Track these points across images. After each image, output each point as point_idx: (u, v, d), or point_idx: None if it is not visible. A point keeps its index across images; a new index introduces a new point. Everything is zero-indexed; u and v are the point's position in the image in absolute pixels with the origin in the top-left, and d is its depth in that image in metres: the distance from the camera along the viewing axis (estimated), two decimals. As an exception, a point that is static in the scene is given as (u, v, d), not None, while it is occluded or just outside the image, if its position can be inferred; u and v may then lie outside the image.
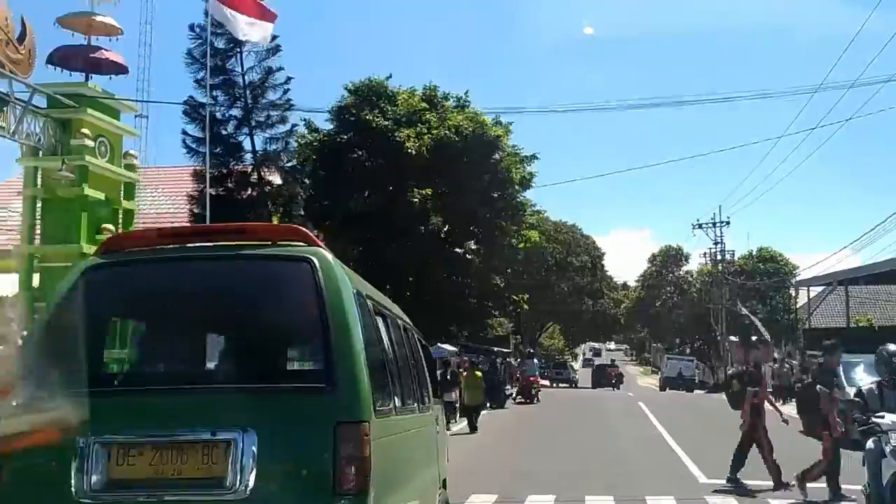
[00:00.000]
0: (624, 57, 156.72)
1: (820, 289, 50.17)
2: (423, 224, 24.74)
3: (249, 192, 23.57)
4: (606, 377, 56.82)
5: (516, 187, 27.76)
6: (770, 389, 20.51)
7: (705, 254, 57.73)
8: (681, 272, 65.30)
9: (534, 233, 29.88)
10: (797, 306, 52.21)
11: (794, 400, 19.18)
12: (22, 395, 3.99)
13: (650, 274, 65.74)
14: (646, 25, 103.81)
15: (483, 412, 23.42)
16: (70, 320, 4.19)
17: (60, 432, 3.77)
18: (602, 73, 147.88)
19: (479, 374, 22.59)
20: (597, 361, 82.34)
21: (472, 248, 28.70)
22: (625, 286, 73.32)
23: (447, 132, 25.57)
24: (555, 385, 56.72)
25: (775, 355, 47.00)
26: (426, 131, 25.71)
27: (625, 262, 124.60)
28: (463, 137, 25.77)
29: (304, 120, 26.52)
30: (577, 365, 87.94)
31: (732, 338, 58.20)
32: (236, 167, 23.72)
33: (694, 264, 66.54)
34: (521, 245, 29.16)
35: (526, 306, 36.62)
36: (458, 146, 25.64)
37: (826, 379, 10.12)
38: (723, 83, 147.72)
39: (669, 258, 65.62)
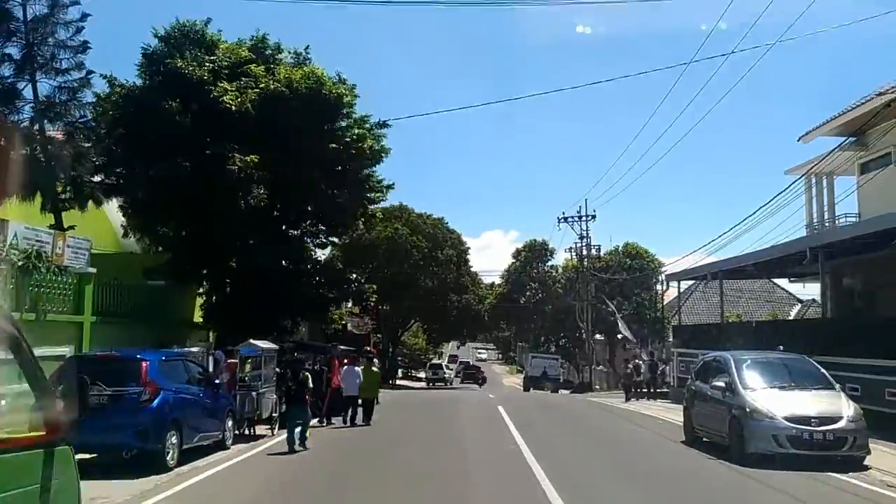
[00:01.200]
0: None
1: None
2: (246, 197, 20.45)
3: (26, 150, 18.64)
4: (475, 376, 61.42)
5: (366, 161, 23.83)
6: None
7: (571, 248, 56.08)
8: (546, 268, 63.54)
9: (379, 210, 25.73)
10: (664, 303, 51.22)
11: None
12: None
13: (514, 269, 63.50)
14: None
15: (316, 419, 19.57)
16: None
17: None
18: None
19: (376, 369, 21.68)
20: (461, 359, 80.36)
21: (310, 227, 24.60)
22: (492, 286, 70.90)
23: (277, 85, 21.32)
24: (430, 385, 59.36)
25: (643, 356, 45.50)
26: (253, 86, 21.41)
27: (495, 264, 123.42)
28: (298, 95, 21.60)
29: (105, 76, 21.66)
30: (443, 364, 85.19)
31: (598, 336, 56.86)
32: (10, 118, 18.82)
33: (559, 259, 65.12)
34: (368, 226, 25.22)
35: (375, 296, 32.62)
36: (293, 105, 21.43)
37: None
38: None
39: (534, 253, 63.71)
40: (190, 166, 20.60)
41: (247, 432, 16.62)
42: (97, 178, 21.07)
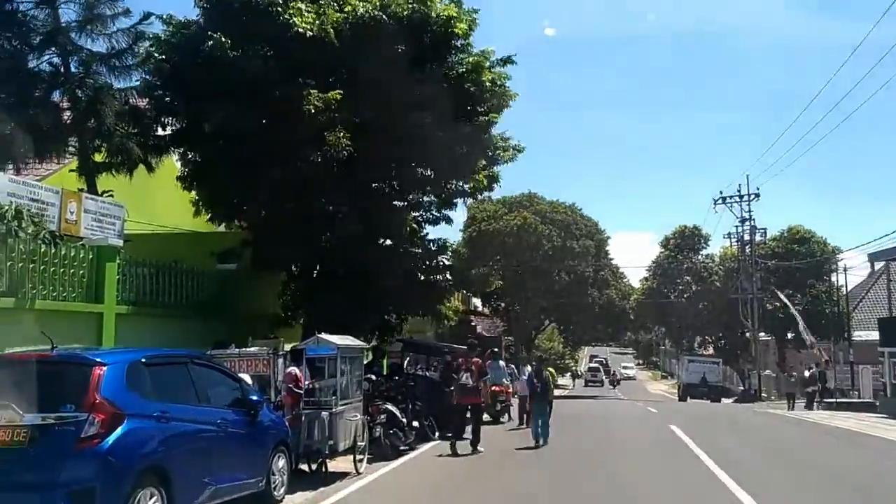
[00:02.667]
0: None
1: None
2: (321, 149, 15.33)
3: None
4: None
5: (487, 105, 18.13)
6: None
7: (729, 234, 48.42)
8: (700, 257, 55.60)
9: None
10: (847, 292, 42.82)
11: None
12: None
13: (663, 260, 55.87)
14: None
15: (423, 447, 14.34)
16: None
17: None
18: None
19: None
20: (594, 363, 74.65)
21: (418, 195, 19.18)
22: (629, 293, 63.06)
23: (368, 6, 16.10)
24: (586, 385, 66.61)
25: (825, 356, 37.75)
26: (337, 8, 16.32)
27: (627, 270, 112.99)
28: (395, 19, 16.31)
29: (162, 17, 17.10)
30: (581, 370, 78.57)
31: (763, 335, 48.88)
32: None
33: (715, 247, 56.97)
34: (490, 187, 19.33)
35: (500, 283, 26.27)
36: (390, 31, 16.14)
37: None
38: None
39: (686, 241, 55.88)
40: (256, 115, 15.70)
41: (311, 468, 11.51)
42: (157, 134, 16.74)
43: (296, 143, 15.38)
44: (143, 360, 7.57)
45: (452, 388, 15.58)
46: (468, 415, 15.56)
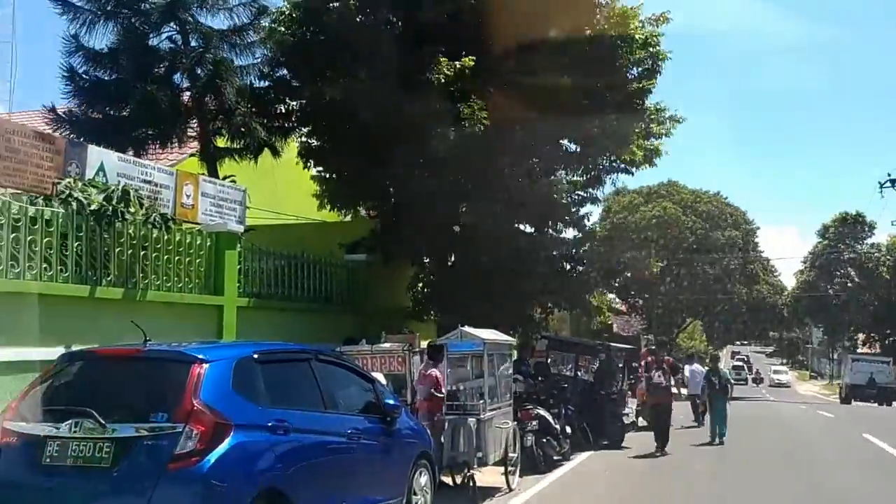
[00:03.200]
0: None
1: None
2: (455, 123, 13.63)
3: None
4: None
5: (638, 70, 15.95)
6: None
7: (901, 220, 43.32)
8: (865, 248, 50.21)
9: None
10: None
11: None
12: None
13: (821, 251, 50.86)
14: None
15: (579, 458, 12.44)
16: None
17: None
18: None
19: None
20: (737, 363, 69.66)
21: (567, 178, 17.11)
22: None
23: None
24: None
25: None
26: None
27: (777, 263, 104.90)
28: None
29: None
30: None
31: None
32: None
33: (882, 236, 51.23)
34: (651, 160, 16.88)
35: (659, 264, 23.17)
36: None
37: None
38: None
39: (846, 229, 50.61)
40: (382, 88, 14.18)
41: (456, 482, 9.78)
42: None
43: (427, 116, 13.77)
44: (255, 355, 5.99)
45: (648, 386, 15.26)
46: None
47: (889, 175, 41.00)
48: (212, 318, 11.04)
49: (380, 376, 9.76)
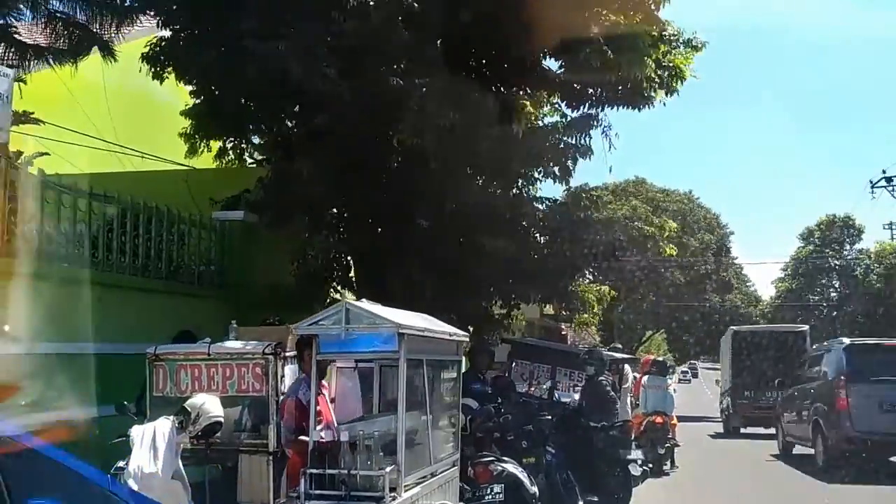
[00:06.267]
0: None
1: None
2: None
3: None
4: None
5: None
6: None
7: (891, 224, 39.72)
8: (852, 252, 46.40)
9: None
10: None
11: None
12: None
13: (804, 257, 46.85)
14: None
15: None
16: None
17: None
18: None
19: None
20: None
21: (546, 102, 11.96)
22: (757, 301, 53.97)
23: None
24: None
25: None
26: None
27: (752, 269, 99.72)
28: None
29: None
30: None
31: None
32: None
33: (869, 241, 47.30)
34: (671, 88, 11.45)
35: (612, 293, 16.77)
36: None
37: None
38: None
39: (832, 233, 46.64)
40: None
41: None
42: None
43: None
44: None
45: None
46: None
47: (884, 172, 37.10)
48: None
49: (214, 403, 5.29)
